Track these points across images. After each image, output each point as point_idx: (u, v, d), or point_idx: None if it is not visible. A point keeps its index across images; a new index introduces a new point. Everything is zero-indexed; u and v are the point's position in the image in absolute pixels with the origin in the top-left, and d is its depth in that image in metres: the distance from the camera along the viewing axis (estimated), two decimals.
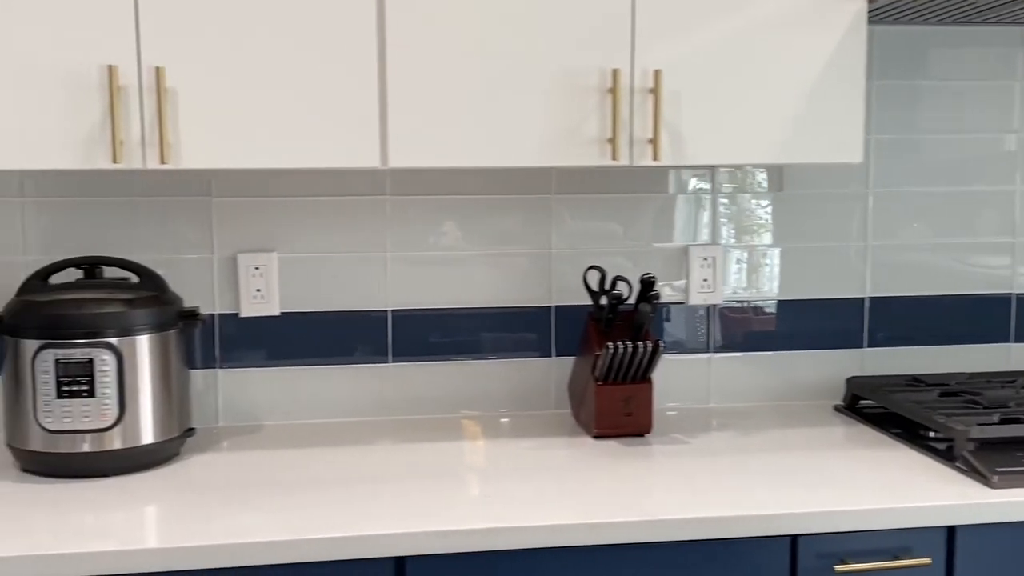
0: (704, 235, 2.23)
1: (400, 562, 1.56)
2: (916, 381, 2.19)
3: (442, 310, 2.17)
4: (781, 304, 2.27)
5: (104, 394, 1.74)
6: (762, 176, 2.24)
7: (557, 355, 2.20)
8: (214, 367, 2.10)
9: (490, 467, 1.85)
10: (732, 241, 2.24)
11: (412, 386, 2.17)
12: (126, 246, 2.04)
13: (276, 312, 2.11)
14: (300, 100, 1.74)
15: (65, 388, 1.72)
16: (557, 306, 2.20)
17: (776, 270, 2.26)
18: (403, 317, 2.15)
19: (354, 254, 2.13)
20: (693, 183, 2.22)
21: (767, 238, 2.25)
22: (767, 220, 2.25)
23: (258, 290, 2.10)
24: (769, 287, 2.26)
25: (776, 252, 2.25)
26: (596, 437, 1.99)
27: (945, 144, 2.28)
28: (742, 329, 2.26)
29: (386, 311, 2.15)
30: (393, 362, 2.16)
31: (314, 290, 2.12)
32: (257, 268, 2.09)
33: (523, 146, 1.80)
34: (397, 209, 2.14)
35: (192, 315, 1.89)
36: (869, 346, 2.30)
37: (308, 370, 2.14)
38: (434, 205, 2.15)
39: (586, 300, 2.13)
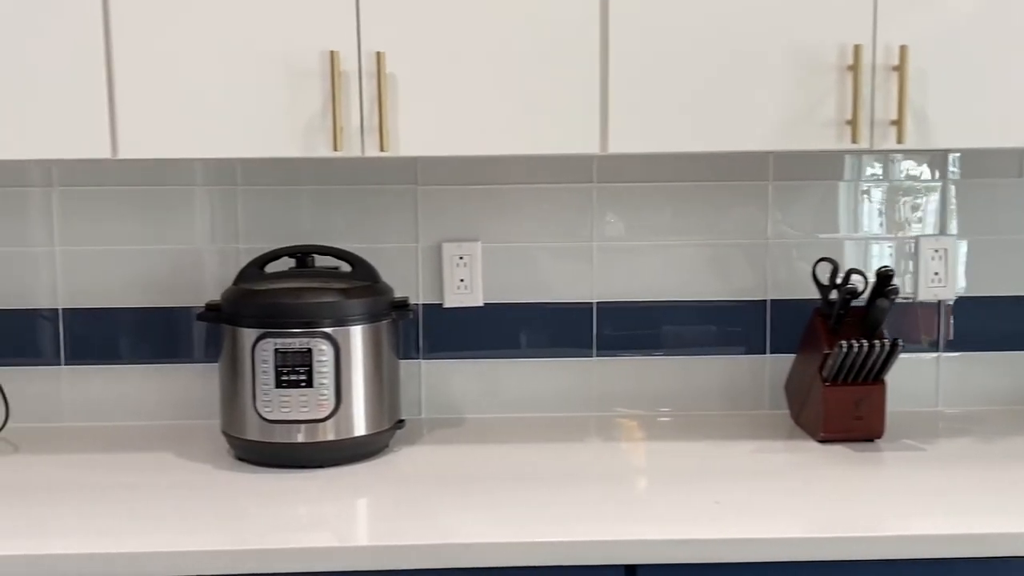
0: (933, 225, 2.07)
1: (631, 570, 1.47)
2: None
3: (650, 303, 2.07)
4: (1014, 300, 2.08)
5: (321, 384, 1.72)
6: (998, 160, 2.06)
7: (772, 352, 2.08)
8: (417, 358, 2.07)
9: (709, 470, 1.75)
10: (964, 231, 2.07)
11: (617, 381, 2.08)
12: (330, 234, 2.02)
13: (479, 303, 2.06)
14: (518, 85, 1.67)
15: (284, 378, 1.71)
16: (772, 300, 2.07)
17: (1009, 263, 2.07)
18: (609, 309, 2.07)
19: (559, 244, 2.06)
20: (921, 170, 2.06)
21: (999, 228, 2.06)
22: (1006, 208, 2.06)
23: (461, 280, 2.05)
24: (1004, 281, 2.08)
25: (1010, 243, 2.06)
26: (822, 441, 1.86)
27: None
28: (976, 327, 2.08)
29: (591, 303, 2.07)
30: (598, 356, 2.08)
31: (518, 281, 2.06)
32: (461, 258, 2.04)
33: (754, 129, 1.69)
34: (604, 197, 2.05)
35: (403, 305, 1.85)
36: None
37: (510, 363, 2.08)
38: (642, 193, 2.05)
39: (805, 294, 1.99)
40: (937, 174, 2.06)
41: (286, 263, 1.87)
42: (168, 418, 2.03)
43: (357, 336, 1.76)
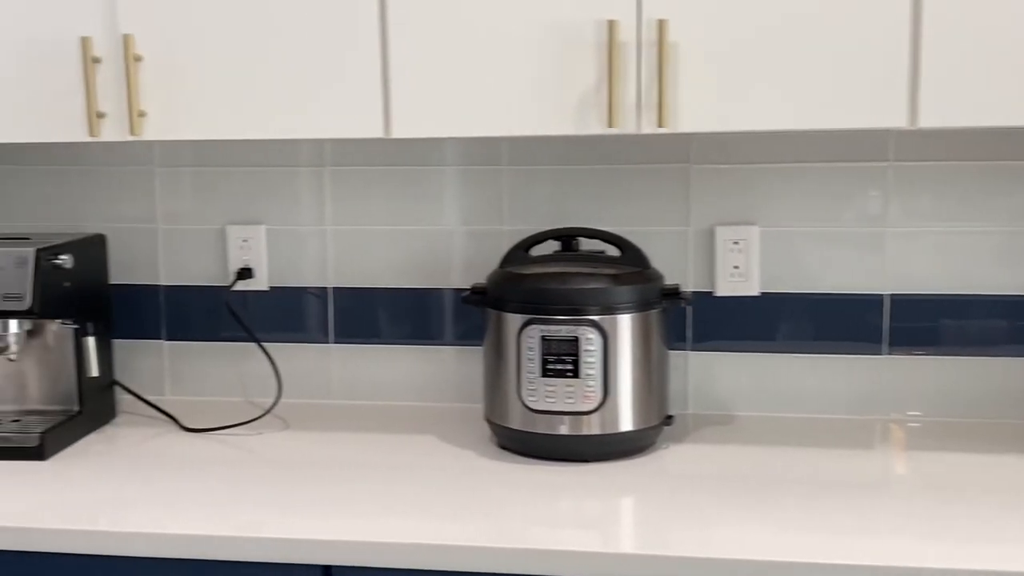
0: None
1: None
2: None
3: (950, 296, 1.84)
4: None
5: (588, 375, 1.63)
6: None
7: None
8: (684, 349, 1.94)
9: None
10: None
11: (910, 382, 1.87)
12: (594, 215, 1.92)
13: (755, 292, 1.90)
14: (815, 55, 1.50)
15: (550, 367, 1.63)
16: None
17: None
18: (904, 302, 1.86)
19: (846, 229, 1.86)
20: None
21: None
22: None
23: (736, 267, 1.90)
24: None
25: None
26: None
27: None
28: None
29: (882, 295, 1.87)
30: (888, 354, 1.87)
31: (798, 269, 1.89)
32: (736, 243, 1.89)
33: None
34: (901, 177, 1.84)
35: (675, 294, 1.72)
36: None
37: (787, 358, 1.91)
38: (944, 173, 1.82)
39: None
40: None
41: (551, 246, 1.79)
42: (432, 400, 2.01)
43: (626, 325, 1.65)
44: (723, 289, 1.91)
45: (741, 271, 1.89)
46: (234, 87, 1.63)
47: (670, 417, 1.75)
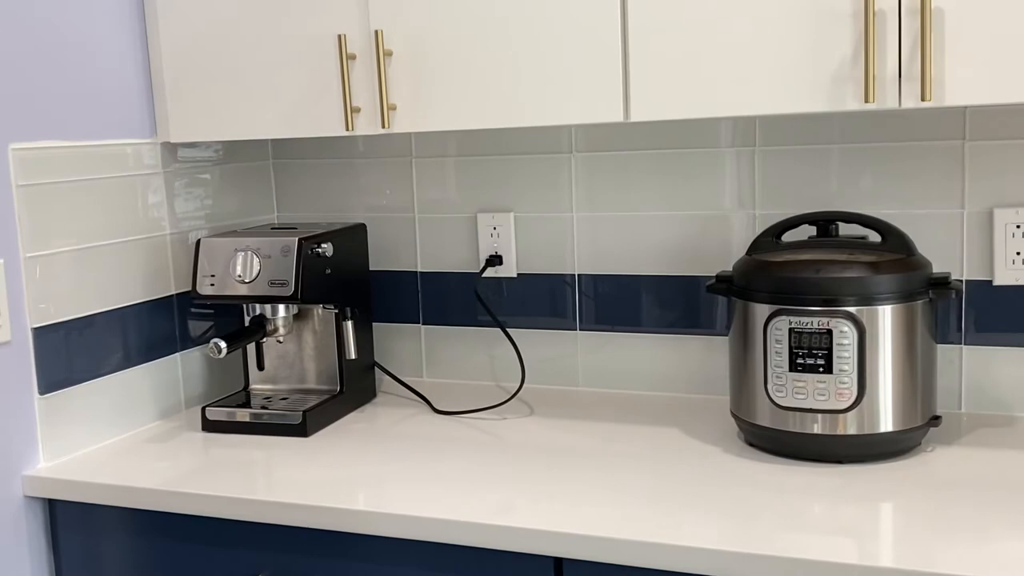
0: None
1: None
2: None
3: None
4: None
5: (842, 371, 1.51)
6: None
7: None
8: (957, 343, 1.76)
9: None
10: None
11: None
12: (856, 198, 1.78)
13: None
14: None
15: (799, 361, 1.52)
16: None
17: None
18: None
19: None
20: None
21: None
22: None
23: (1018, 253, 1.70)
24: None
25: None
26: None
27: None
28: None
29: None
30: None
31: None
32: (1019, 226, 1.69)
33: None
34: None
35: (943, 283, 1.56)
36: None
37: None
38: None
39: None
40: None
41: (806, 232, 1.67)
42: (679, 390, 1.95)
43: (886, 317, 1.51)
44: (1003, 278, 1.71)
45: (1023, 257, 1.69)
46: (476, 78, 1.64)
47: (937, 417, 1.58)
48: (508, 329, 2.01)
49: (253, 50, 1.78)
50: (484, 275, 2.05)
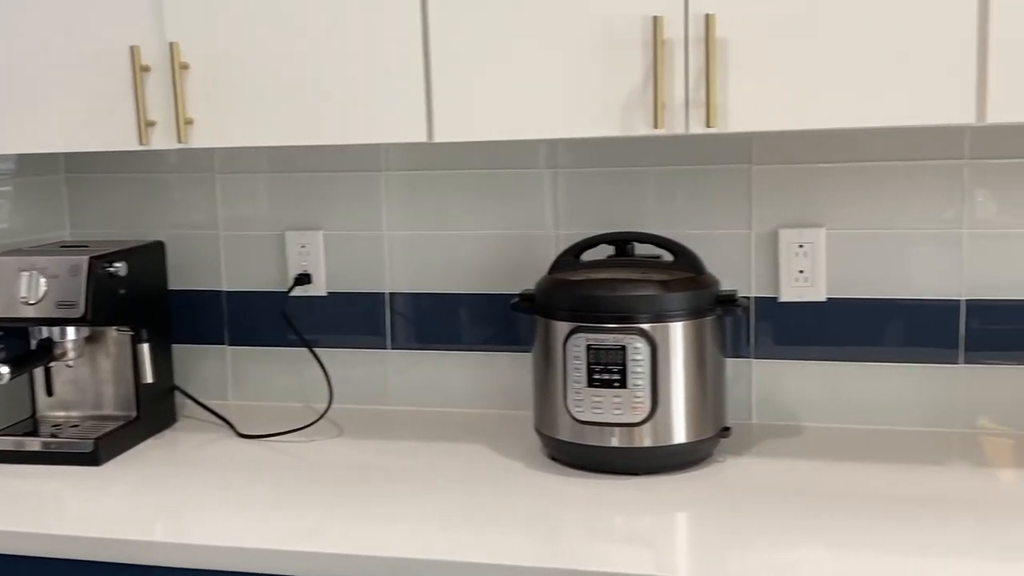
0: None
1: None
2: None
3: None
4: None
5: (636, 385, 1.58)
6: None
7: None
8: (746, 356, 1.87)
9: None
10: None
11: (990, 393, 1.76)
12: (654, 219, 1.86)
13: (821, 297, 1.82)
14: (879, 47, 1.41)
15: (596, 376, 1.58)
16: None
17: None
18: (981, 307, 1.75)
19: (919, 230, 1.76)
20: None
21: None
22: None
23: (801, 271, 1.82)
24: None
25: None
26: None
27: None
28: None
29: (958, 300, 1.76)
30: (965, 363, 1.77)
31: (868, 272, 1.80)
32: (801, 246, 1.81)
33: None
34: (976, 175, 1.73)
35: (730, 300, 1.66)
36: None
37: (857, 366, 1.82)
38: (1021, 170, 1.72)
39: None
40: None
41: (606, 251, 1.74)
42: (488, 407, 1.99)
43: (677, 333, 1.59)
44: (788, 295, 1.83)
45: (806, 276, 1.81)
46: (276, 94, 1.63)
47: (727, 428, 1.68)
48: (319, 348, 2.00)
49: (43, 60, 1.71)
50: (293, 294, 2.03)
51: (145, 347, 1.81)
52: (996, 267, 1.74)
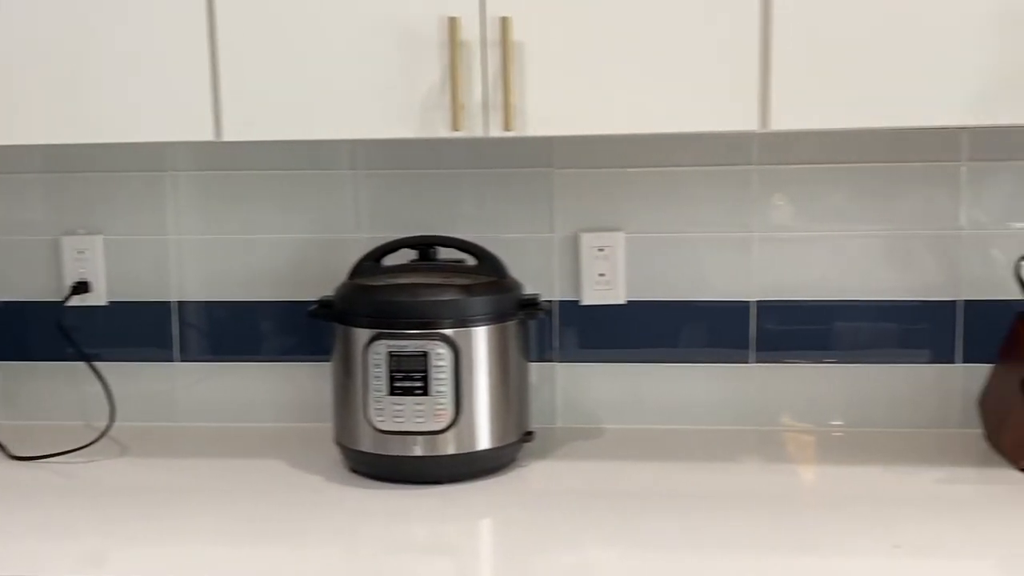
0: None
1: None
2: None
3: (822, 302, 1.84)
4: None
5: (439, 392, 1.58)
6: None
7: (964, 361, 1.82)
8: (551, 360, 1.90)
9: (886, 500, 1.52)
10: None
11: (780, 391, 1.87)
12: (457, 223, 1.87)
13: (622, 300, 1.88)
14: (671, 55, 1.47)
15: (398, 384, 1.58)
16: (966, 301, 1.81)
17: None
18: (770, 308, 1.85)
19: (714, 234, 1.85)
20: None
21: None
22: None
23: (602, 275, 1.87)
24: None
25: None
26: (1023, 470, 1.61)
27: None
28: None
29: (749, 301, 1.86)
30: (756, 362, 1.87)
31: (666, 275, 1.87)
32: (601, 249, 1.86)
33: (944, 102, 1.44)
34: (766, 180, 1.83)
35: (533, 303, 1.69)
36: None
37: (657, 368, 1.89)
38: (809, 176, 1.82)
39: (1007, 295, 1.73)
40: None
41: (408, 255, 1.74)
42: (285, 420, 1.94)
43: (480, 338, 1.61)
44: (590, 298, 1.88)
45: (607, 279, 1.87)
46: (51, 88, 1.54)
47: (530, 433, 1.71)
48: (100, 362, 1.90)
49: None
50: (70, 304, 1.92)
51: None
52: (784, 269, 1.85)
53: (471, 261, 1.72)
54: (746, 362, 1.87)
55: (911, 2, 1.43)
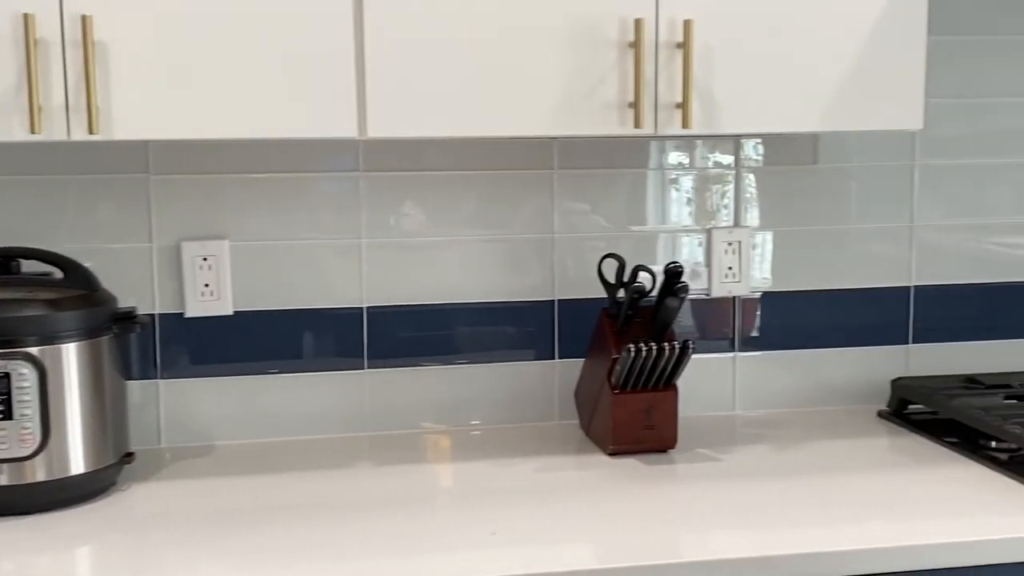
0: (727, 216, 2.06)
1: None
2: (972, 382, 2.04)
3: (430, 306, 1.97)
4: (814, 295, 2.10)
5: (24, 415, 1.53)
6: (791, 148, 2.07)
7: (561, 357, 2.02)
8: (154, 378, 1.89)
9: (489, 492, 1.67)
10: (758, 223, 2.07)
11: (392, 396, 1.98)
12: (46, 234, 1.82)
13: (229, 311, 1.90)
14: (265, 59, 1.53)
15: None
16: (561, 300, 2.01)
17: (809, 256, 2.09)
18: (382, 314, 1.96)
19: (321, 241, 1.93)
20: (713, 158, 2.05)
21: (798, 219, 2.08)
22: (798, 198, 2.07)
23: (207, 285, 1.89)
24: (800, 276, 2.10)
25: (809, 235, 2.08)
26: (612, 454, 1.82)
27: (1011, 109, 2.12)
28: (771, 324, 2.09)
29: (361, 308, 1.95)
30: (369, 369, 1.97)
31: (274, 285, 1.92)
32: (205, 259, 1.88)
33: (531, 113, 1.61)
34: (373, 187, 1.94)
35: (128, 317, 1.68)
36: (914, 342, 2.14)
37: (267, 379, 1.93)
38: (417, 183, 1.95)
39: (596, 293, 1.94)
40: (731, 161, 2.05)
41: None
42: None
43: (69, 356, 1.58)
44: (194, 310, 1.89)
45: (212, 290, 1.89)
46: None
47: (130, 454, 1.69)
48: None
49: None
50: None
51: None
52: (393, 277, 1.96)
53: (58, 274, 1.68)
54: (360, 368, 1.96)
55: (504, 15, 1.58)
